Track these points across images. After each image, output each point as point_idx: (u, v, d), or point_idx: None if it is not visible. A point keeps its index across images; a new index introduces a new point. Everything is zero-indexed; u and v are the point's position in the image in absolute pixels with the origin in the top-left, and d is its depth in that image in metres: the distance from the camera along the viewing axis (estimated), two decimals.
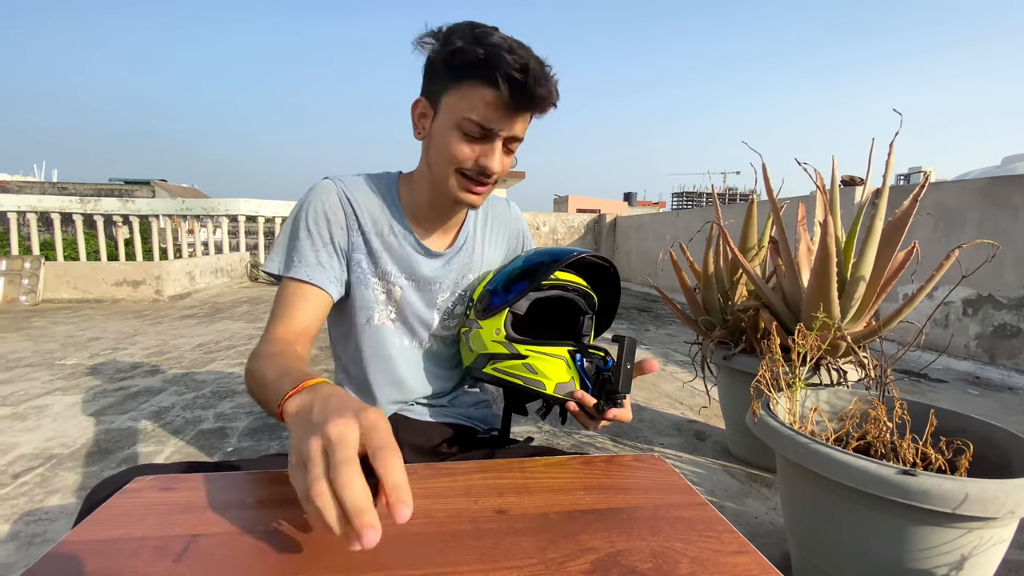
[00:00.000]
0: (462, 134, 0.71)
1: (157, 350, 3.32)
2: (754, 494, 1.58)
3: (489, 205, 0.96)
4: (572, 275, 0.79)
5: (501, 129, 0.71)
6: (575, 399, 0.70)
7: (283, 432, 1.99)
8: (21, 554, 1.24)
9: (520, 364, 0.73)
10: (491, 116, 0.70)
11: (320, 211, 0.79)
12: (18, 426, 2.02)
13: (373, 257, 0.82)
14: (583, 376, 0.73)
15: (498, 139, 0.72)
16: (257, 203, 7.98)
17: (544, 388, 0.72)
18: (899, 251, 1.46)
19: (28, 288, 5.36)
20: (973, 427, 1.05)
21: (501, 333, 0.75)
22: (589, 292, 0.79)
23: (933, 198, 3.41)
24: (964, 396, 2.67)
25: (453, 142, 0.72)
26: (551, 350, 0.73)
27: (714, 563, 0.45)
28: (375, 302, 0.83)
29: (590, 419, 0.70)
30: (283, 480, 0.56)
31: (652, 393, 2.58)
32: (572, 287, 0.77)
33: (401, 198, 0.85)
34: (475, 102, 0.69)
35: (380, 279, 0.83)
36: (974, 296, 3.22)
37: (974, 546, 0.84)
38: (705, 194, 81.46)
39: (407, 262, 0.84)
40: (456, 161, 0.73)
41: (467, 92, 0.69)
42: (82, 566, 0.41)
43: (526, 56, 0.67)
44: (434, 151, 0.76)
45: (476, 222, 0.92)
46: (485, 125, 0.70)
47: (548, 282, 0.75)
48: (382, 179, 0.86)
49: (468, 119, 0.70)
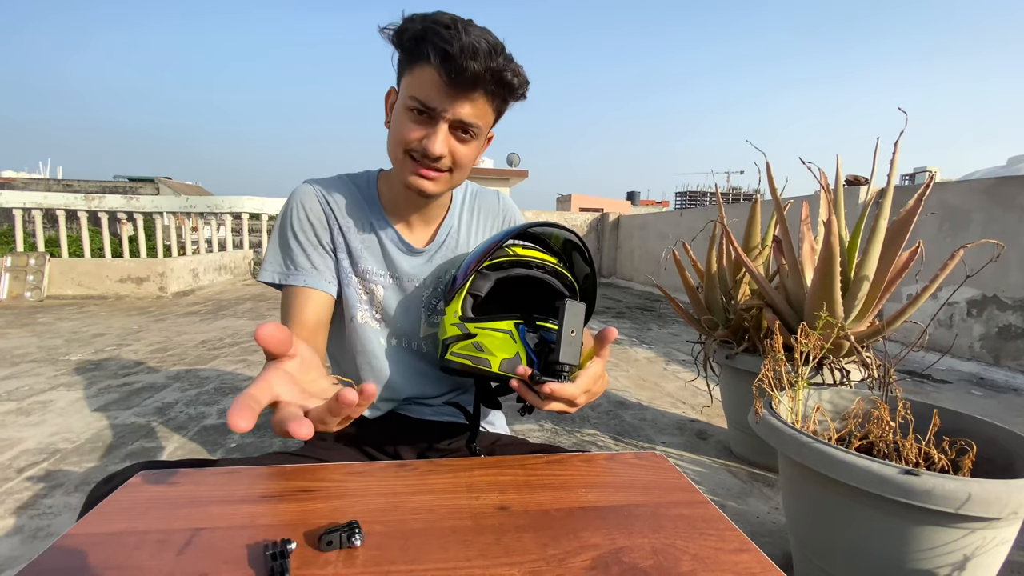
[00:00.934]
0: (409, 114, 0.71)
1: (161, 346, 3.33)
2: (756, 494, 1.58)
3: (477, 197, 0.94)
4: (538, 251, 0.74)
5: (443, 109, 0.69)
6: (517, 375, 0.62)
7: None
8: (25, 547, 1.25)
9: (470, 343, 0.68)
10: (431, 95, 0.68)
11: (303, 216, 0.80)
12: (23, 421, 2.03)
13: (353, 257, 0.82)
14: (528, 350, 0.67)
15: (441, 120, 0.70)
16: (261, 201, 7.99)
17: (490, 366, 0.67)
18: (903, 251, 1.45)
19: (33, 284, 5.38)
20: (977, 428, 1.04)
21: (457, 315, 0.70)
22: (562, 271, 0.73)
23: (938, 198, 3.39)
24: (968, 397, 2.66)
25: (402, 123, 0.72)
26: (495, 324, 0.68)
27: (715, 561, 0.45)
28: (358, 300, 0.83)
29: (539, 398, 0.62)
30: (285, 475, 0.56)
31: (654, 392, 2.58)
32: (536, 263, 0.72)
33: (380, 195, 0.85)
34: (420, 81, 0.68)
35: (361, 279, 0.83)
36: (978, 297, 3.20)
37: (977, 547, 0.84)
38: (709, 194, 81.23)
39: (388, 260, 0.83)
40: (403, 142, 0.72)
41: (416, 72, 0.69)
42: (86, 559, 0.41)
43: (469, 35, 0.65)
44: (390, 136, 0.75)
45: (461, 215, 0.90)
46: (426, 103, 0.69)
47: (507, 259, 0.71)
48: (361, 177, 0.86)
49: (412, 97, 0.69)
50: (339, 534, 0.43)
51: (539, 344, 0.68)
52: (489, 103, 0.72)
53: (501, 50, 0.68)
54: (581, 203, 34.97)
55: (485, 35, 0.67)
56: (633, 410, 2.32)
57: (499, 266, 0.71)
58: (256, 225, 8.77)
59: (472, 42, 0.65)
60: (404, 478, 0.57)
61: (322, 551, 0.43)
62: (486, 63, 0.66)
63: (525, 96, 0.75)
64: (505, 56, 0.69)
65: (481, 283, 0.71)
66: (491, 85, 0.69)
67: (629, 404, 2.39)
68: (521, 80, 0.71)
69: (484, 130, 0.75)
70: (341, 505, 0.50)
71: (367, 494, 0.53)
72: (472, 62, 0.65)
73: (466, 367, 0.69)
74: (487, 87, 0.69)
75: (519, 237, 0.78)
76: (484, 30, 0.68)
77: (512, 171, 10.45)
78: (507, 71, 0.68)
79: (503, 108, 0.76)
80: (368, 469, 0.59)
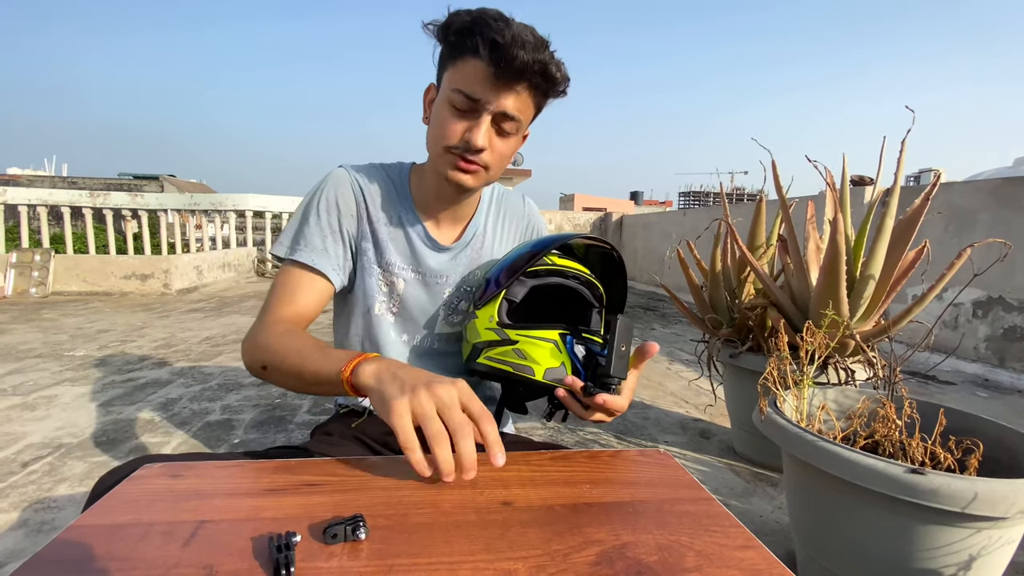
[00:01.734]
0: (452, 108, 0.71)
1: (165, 343, 3.34)
2: (759, 493, 1.58)
3: (503, 199, 0.95)
4: (572, 261, 0.75)
5: (488, 101, 0.69)
6: (564, 385, 0.65)
7: (288, 425, 2.00)
8: (30, 541, 1.25)
9: (510, 350, 0.70)
10: (476, 87, 0.68)
11: (332, 199, 0.80)
12: (28, 415, 2.04)
13: (379, 247, 0.82)
14: (575, 361, 0.68)
15: (485, 113, 0.70)
16: (264, 199, 8.01)
17: (533, 374, 0.68)
18: (909, 250, 1.44)
19: (38, 280, 5.41)
20: (983, 428, 1.04)
21: (494, 320, 0.72)
22: (593, 281, 0.75)
23: (944, 198, 3.38)
24: (973, 398, 2.65)
25: (444, 117, 0.72)
26: (540, 333, 0.69)
27: (720, 557, 0.44)
28: (377, 291, 0.83)
29: (582, 408, 0.66)
30: (290, 469, 0.56)
31: (657, 392, 2.57)
32: (572, 273, 0.74)
33: (411, 189, 0.85)
34: (465, 73, 0.68)
35: (384, 270, 0.83)
36: (984, 298, 3.18)
37: (983, 546, 0.83)
38: (712, 194, 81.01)
39: (414, 254, 0.83)
40: (445, 137, 0.72)
41: (460, 65, 0.69)
42: (91, 550, 0.41)
43: (517, 27, 0.66)
44: (430, 131, 0.75)
45: (487, 216, 0.91)
46: (471, 95, 0.69)
47: (544, 267, 0.72)
48: (394, 169, 0.86)
49: (456, 90, 0.69)
50: (344, 527, 0.43)
51: (587, 356, 0.69)
52: (531, 97, 0.72)
53: (547, 45, 0.69)
54: (584, 203, 34.91)
55: (531, 30, 0.68)
56: (636, 409, 2.31)
57: (536, 274, 0.72)
58: (260, 223, 8.79)
59: (520, 33, 0.65)
60: (408, 472, 0.57)
61: (327, 544, 0.43)
62: (534, 54, 0.66)
63: (566, 93, 0.75)
64: (550, 51, 0.69)
65: (518, 289, 0.72)
66: (537, 77, 0.69)
67: (632, 403, 2.39)
68: (563, 75, 0.71)
69: (524, 125, 0.74)
70: (345, 499, 0.50)
71: (371, 488, 0.53)
72: (521, 51, 0.65)
73: (504, 372, 0.70)
74: (533, 79, 0.69)
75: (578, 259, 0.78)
76: (529, 27, 0.68)
77: (515, 170, 10.44)
78: (552, 64, 0.69)
79: (543, 104, 0.76)
80: (373, 463, 0.59)
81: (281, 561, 0.38)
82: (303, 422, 2.05)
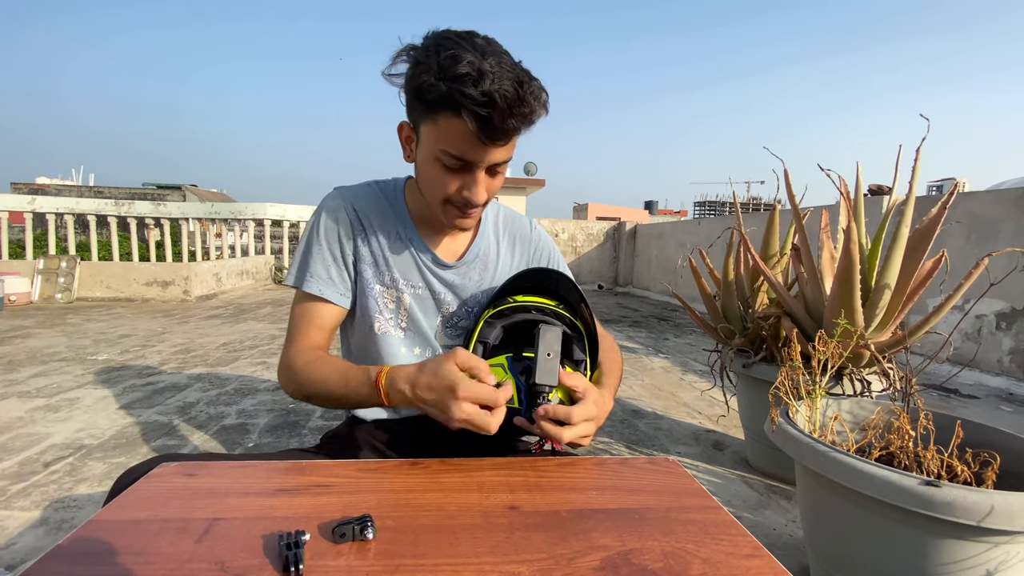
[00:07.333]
0: (443, 166, 0.70)
1: (184, 348, 3.40)
2: (773, 506, 1.55)
3: (512, 223, 0.95)
4: (536, 296, 0.77)
5: (479, 160, 0.69)
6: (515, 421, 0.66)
7: (302, 430, 2.03)
8: (50, 539, 1.28)
9: None
10: (466, 149, 0.67)
11: (328, 226, 0.82)
12: (51, 417, 2.10)
13: (378, 266, 0.83)
14: (516, 380, 0.68)
15: (478, 169, 0.70)
16: (283, 208, 8.15)
17: None
18: (927, 260, 1.42)
19: (64, 286, 5.55)
20: (1002, 440, 1.01)
21: None
22: (559, 311, 0.75)
23: (965, 208, 3.31)
24: (997, 413, 2.58)
25: (436, 174, 0.72)
26: (492, 361, 0.70)
27: (727, 565, 0.44)
28: (378, 311, 0.83)
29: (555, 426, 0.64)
30: (301, 470, 0.57)
31: (670, 402, 2.55)
32: (535, 307, 0.75)
33: (408, 204, 0.86)
34: (451, 135, 0.66)
35: (387, 287, 0.84)
36: (1008, 309, 3.11)
37: (1000, 561, 0.81)
38: (728, 204, 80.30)
39: (417, 270, 0.84)
40: (442, 191, 0.73)
41: (441, 124, 0.66)
42: (109, 544, 0.42)
43: (496, 83, 0.62)
44: (422, 181, 0.76)
45: (492, 235, 0.91)
46: (462, 158, 0.68)
47: (509, 307, 0.75)
48: (388, 186, 0.87)
49: (445, 151, 0.68)
50: (352, 527, 0.44)
51: (524, 371, 0.70)
52: (518, 136, 0.71)
53: (527, 82, 0.65)
54: (598, 212, 34.83)
55: (508, 73, 0.63)
56: (648, 419, 2.30)
57: (502, 314, 0.76)
58: (278, 232, 8.93)
59: (505, 94, 0.62)
60: (416, 476, 0.58)
61: (335, 543, 0.44)
62: (520, 109, 0.64)
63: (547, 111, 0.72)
64: (530, 88, 0.65)
65: (488, 331, 0.75)
66: (523, 127, 0.68)
67: (644, 413, 2.37)
68: (543, 103, 0.68)
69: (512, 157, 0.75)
70: (354, 500, 0.51)
71: (379, 490, 0.54)
72: (509, 120, 0.64)
73: None
74: (520, 130, 0.68)
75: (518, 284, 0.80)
76: (503, 61, 0.64)
77: (529, 180, 10.47)
78: (535, 112, 0.67)
79: None
80: (381, 466, 0.60)
81: (290, 559, 0.39)
82: (316, 427, 2.07)
